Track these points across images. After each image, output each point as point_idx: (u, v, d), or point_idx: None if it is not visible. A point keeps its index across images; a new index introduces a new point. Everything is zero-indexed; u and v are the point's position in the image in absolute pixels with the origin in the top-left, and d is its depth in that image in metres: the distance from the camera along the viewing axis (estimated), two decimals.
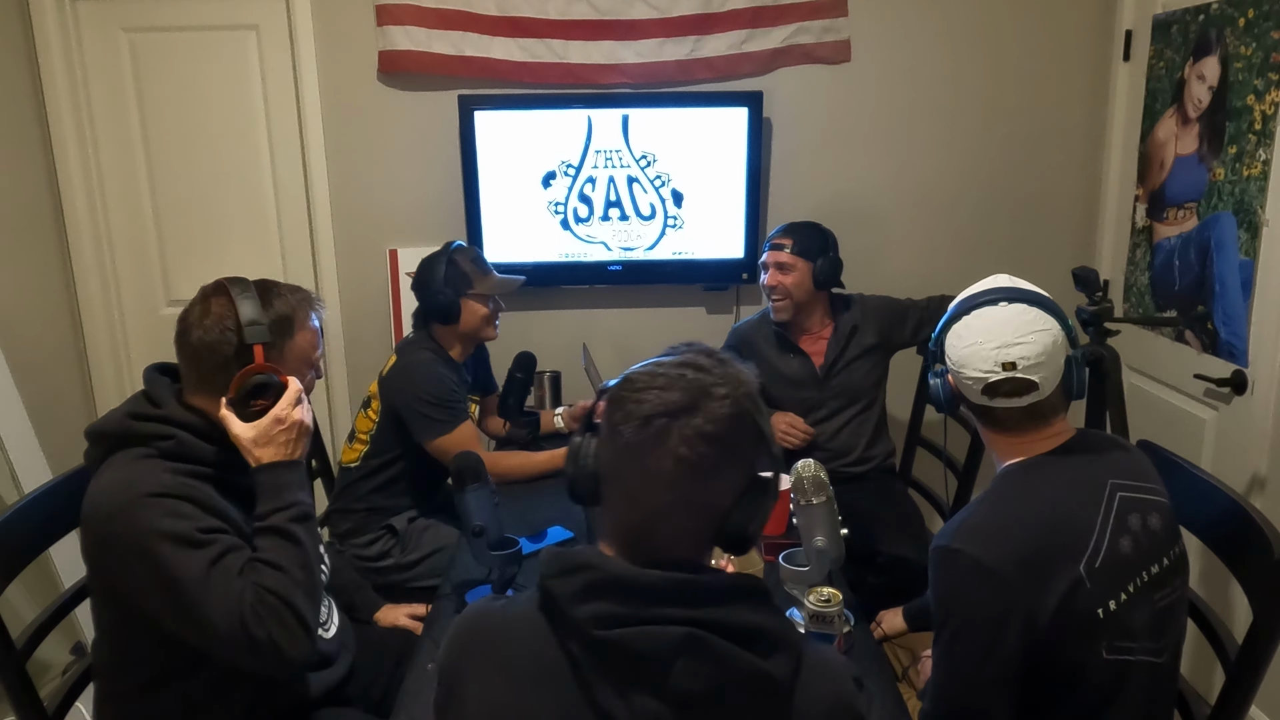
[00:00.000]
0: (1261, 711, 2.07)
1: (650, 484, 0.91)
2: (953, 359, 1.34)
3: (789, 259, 2.37)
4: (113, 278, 2.91)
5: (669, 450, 0.89)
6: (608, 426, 0.95)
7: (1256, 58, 2.07)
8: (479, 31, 2.73)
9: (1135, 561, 1.24)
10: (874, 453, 2.48)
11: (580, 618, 0.87)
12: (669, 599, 0.87)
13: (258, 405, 1.36)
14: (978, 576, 1.20)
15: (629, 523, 0.94)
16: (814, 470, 1.53)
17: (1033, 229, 2.95)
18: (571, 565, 0.90)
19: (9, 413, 2.41)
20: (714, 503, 0.93)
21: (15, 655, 1.40)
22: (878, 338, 2.44)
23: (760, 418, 0.95)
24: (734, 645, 0.87)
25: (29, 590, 2.31)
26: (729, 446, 0.91)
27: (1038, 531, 1.22)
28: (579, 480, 1.02)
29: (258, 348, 1.36)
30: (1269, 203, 2.02)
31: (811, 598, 1.36)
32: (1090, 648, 1.21)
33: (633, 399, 0.92)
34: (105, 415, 1.39)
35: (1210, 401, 2.26)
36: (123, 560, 1.26)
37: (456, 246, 2.25)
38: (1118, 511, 1.25)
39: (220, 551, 1.27)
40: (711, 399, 0.91)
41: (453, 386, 2.17)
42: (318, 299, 1.50)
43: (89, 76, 2.77)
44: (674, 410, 0.90)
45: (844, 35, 2.80)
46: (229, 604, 1.23)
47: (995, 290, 1.33)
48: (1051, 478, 1.28)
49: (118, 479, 1.30)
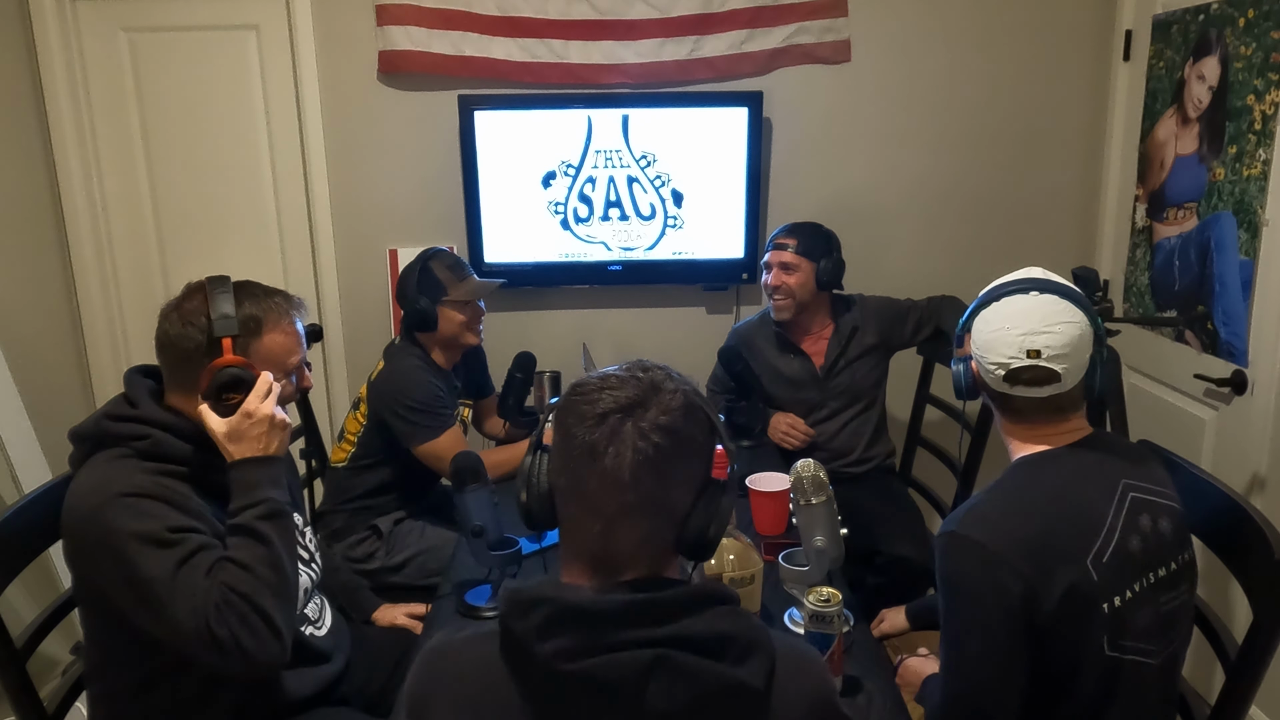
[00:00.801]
0: (1261, 711, 2.07)
1: (608, 485, 0.89)
2: (977, 343, 1.33)
3: (793, 259, 2.37)
4: (113, 278, 2.91)
5: (626, 444, 0.89)
6: (560, 434, 0.94)
7: (1256, 58, 2.07)
8: (479, 31, 2.73)
9: (1143, 561, 1.24)
10: (874, 453, 2.48)
11: (543, 654, 0.85)
12: (632, 622, 0.85)
13: (231, 400, 1.35)
14: (985, 563, 1.20)
15: (589, 536, 0.92)
16: (814, 470, 1.53)
17: (1033, 229, 2.94)
18: (528, 601, 0.87)
19: (9, 413, 2.41)
20: (673, 503, 0.92)
21: (15, 655, 1.39)
22: (878, 338, 2.44)
23: (710, 410, 0.96)
24: (704, 658, 0.85)
25: (29, 590, 2.31)
26: (684, 438, 0.91)
27: (1047, 521, 1.22)
28: (533, 503, 1.00)
29: (226, 341, 1.35)
30: (1269, 203, 2.02)
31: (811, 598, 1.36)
32: (1091, 641, 1.21)
33: (585, 401, 0.92)
34: (86, 418, 1.39)
35: (1210, 401, 2.26)
36: (96, 561, 1.26)
37: (433, 253, 2.25)
38: (1129, 510, 1.25)
39: (189, 551, 1.26)
40: (663, 392, 0.92)
41: (438, 393, 2.17)
42: (298, 302, 1.48)
43: (89, 76, 2.77)
44: (628, 405, 0.90)
45: (844, 35, 2.80)
46: (194, 603, 1.22)
47: (1027, 280, 1.32)
48: (1064, 470, 1.28)
49: (93, 480, 1.30)
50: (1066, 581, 1.18)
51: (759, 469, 1.95)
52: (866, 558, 2.15)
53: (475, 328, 2.26)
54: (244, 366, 1.36)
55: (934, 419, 2.60)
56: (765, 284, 2.42)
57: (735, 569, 1.49)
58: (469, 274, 2.26)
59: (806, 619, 1.37)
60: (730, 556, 1.49)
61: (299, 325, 1.47)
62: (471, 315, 2.24)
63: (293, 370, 1.47)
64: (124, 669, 1.37)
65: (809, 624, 1.36)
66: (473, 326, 2.25)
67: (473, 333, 2.25)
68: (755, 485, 1.88)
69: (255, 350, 1.40)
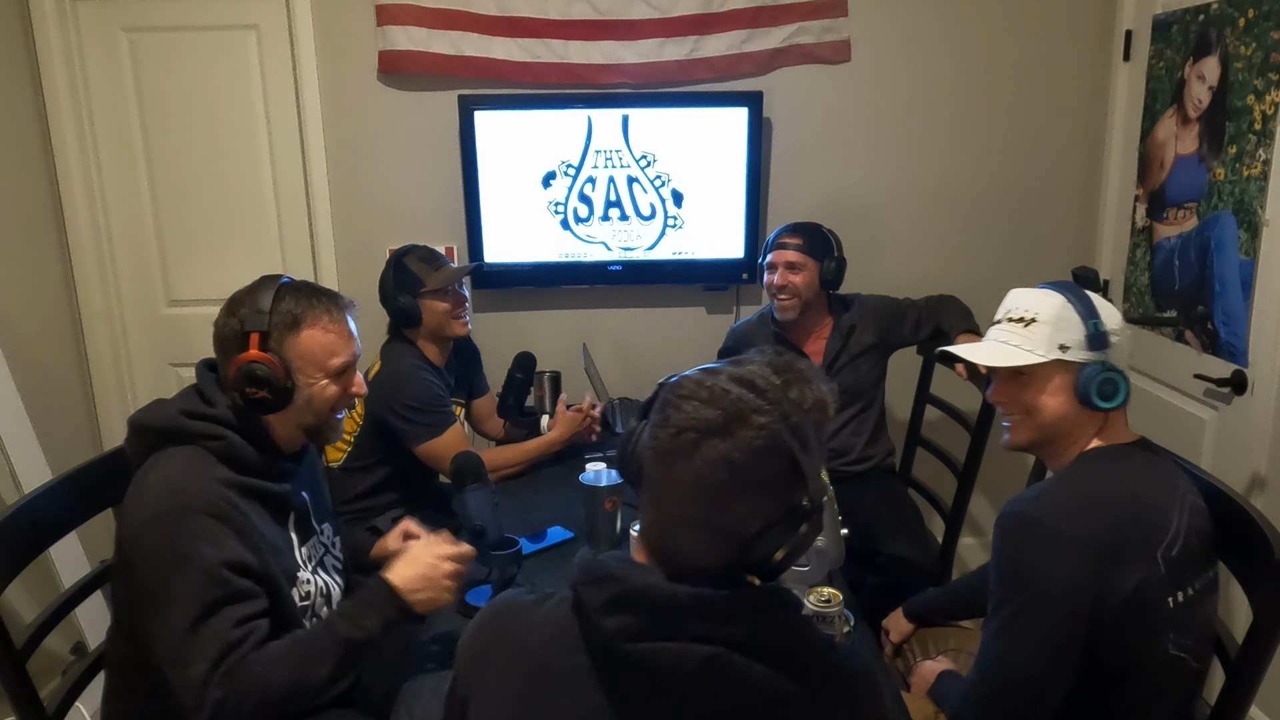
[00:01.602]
0: (1261, 712, 2.07)
1: (670, 494, 0.89)
2: (1113, 326, 1.32)
3: (799, 258, 2.37)
4: (113, 278, 2.91)
5: (691, 466, 0.86)
6: (652, 424, 0.93)
7: (1256, 58, 2.07)
8: (479, 31, 2.73)
9: (1199, 561, 1.26)
10: (874, 452, 2.48)
11: (607, 628, 0.87)
12: (693, 617, 0.85)
13: (256, 394, 1.35)
14: (1057, 547, 1.18)
15: (653, 525, 0.93)
16: None
17: (1033, 229, 2.94)
18: (601, 575, 0.89)
19: (9, 413, 2.41)
20: (733, 528, 0.87)
21: (15, 655, 1.39)
22: (876, 337, 2.44)
23: (802, 454, 0.87)
24: (759, 664, 0.85)
25: (29, 590, 2.31)
26: (753, 479, 0.86)
27: (1120, 512, 1.22)
28: (626, 462, 0.98)
29: (253, 335, 1.35)
30: (1269, 203, 2.02)
31: (811, 598, 1.36)
32: (1154, 640, 1.21)
33: (674, 404, 0.89)
34: (152, 408, 1.39)
35: (1210, 401, 2.26)
36: (151, 563, 1.26)
37: (405, 250, 2.26)
38: (1189, 511, 1.26)
39: (231, 594, 1.25)
40: (746, 426, 0.85)
41: (438, 391, 2.17)
42: (347, 303, 1.46)
43: (89, 76, 2.77)
44: (705, 429, 0.86)
45: (844, 35, 2.80)
46: (207, 650, 1.21)
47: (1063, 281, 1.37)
48: (1135, 465, 1.30)
49: (171, 480, 1.30)
50: (1137, 578, 1.18)
51: None
52: (867, 558, 2.15)
53: (460, 315, 2.26)
54: (268, 363, 1.35)
55: (934, 419, 2.60)
56: (769, 284, 2.41)
57: None
58: (444, 263, 2.27)
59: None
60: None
61: (350, 326, 1.45)
62: (454, 302, 2.24)
63: (335, 371, 1.43)
64: (149, 666, 1.37)
65: None
66: (457, 314, 2.25)
67: (458, 321, 2.25)
68: None
69: (291, 347, 1.38)
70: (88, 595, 1.58)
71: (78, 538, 2.39)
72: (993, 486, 3.09)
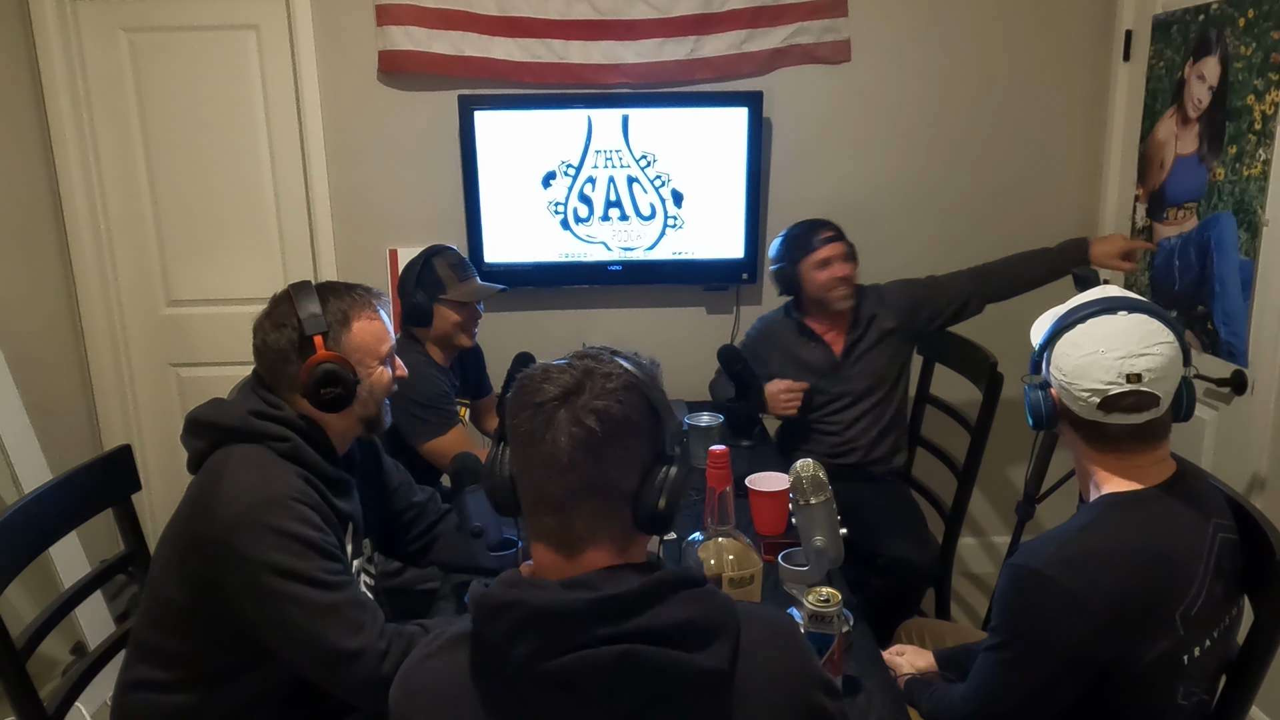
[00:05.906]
0: (1261, 712, 2.07)
1: (551, 471, 0.91)
2: (1064, 369, 1.23)
3: (849, 249, 2.43)
4: (113, 278, 2.91)
5: (561, 429, 0.90)
6: (509, 425, 0.96)
7: (1256, 58, 2.07)
8: (479, 31, 2.73)
9: (1223, 605, 1.22)
10: (887, 447, 2.48)
11: (518, 655, 0.86)
12: (595, 621, 0.86)
13: (329, 393, 1.39)
14: (1068, 609, 1.14)
15: (546, 521, 0.94)
16: (813, 470, 1.53)
17: (1033, 229, 2.93)
18: (495, 606, 0.89)
19: (9, 413, 2.41)
20: (617, 483, 0.92)
21: (15, 655, 1.39)
22: (896, 321, 2.45)
23: (653, 393, 0.95)
24: (668, 649, 0.86)
25: (29, 590, 2.31)
26: (619, 420, 0.91)
27: (1140, 577, 1.15)
28: (497, 490, 1.03)
29: (317, 338, 1.40)
30: (1269, 203, 2.02)
31: (810, 598, 1.36)
32: (1170, 693, 1.19)
33: (526, 391, 0.94)
34: (213, 406, 1.41)
35: (1210, 401, 2.26)
36: (262, 550, 1.27)
37: (438, 249, 2.25)
38: (1217, 555, 1.20)
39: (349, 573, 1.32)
40: (598, 376, 0.93)
41: (444, 389, 2.16)
42: (378, 293, 1.52)
43: (89, 76, 2.77)
44: (563, 393, 0.92)
45: (844, 35, 2.80)
46: (358, 616, 1.29)
47: (1111, 299, 1.23)
48: (1159, 516, 1.20)
49: (257, 474, 1.32)
50: (1151, 647, 1.14)
51: (759, 469, 1.94)
52: (867, 558, 2.15)
53: (470, 330, 2.25)
54: (338, 361, 1.40)
55: (934, 419, 2.60)
56: (827, 280, 2.39)
57: (735, 569, 1.48)
58: (471, 275, 2.25)
59: (806, 619, 1.37)
60: (730, 556, 1.49)
61: (384, 315, 1.51)
62: (467, 317, 2.23)
63: (385, 358, 1.50)
64: (180, 661, 1.37)
65: (808, 624, 1.36)
66: (467, 328, 2.24)
67: (466, 334, 2.25)
68: (755, 485, 1.88)
69: (347, 342, 1.44)
70: (88, 595, 1.58)
71: (78, 538, 2.39)
72: (993, 486, 3.09)
